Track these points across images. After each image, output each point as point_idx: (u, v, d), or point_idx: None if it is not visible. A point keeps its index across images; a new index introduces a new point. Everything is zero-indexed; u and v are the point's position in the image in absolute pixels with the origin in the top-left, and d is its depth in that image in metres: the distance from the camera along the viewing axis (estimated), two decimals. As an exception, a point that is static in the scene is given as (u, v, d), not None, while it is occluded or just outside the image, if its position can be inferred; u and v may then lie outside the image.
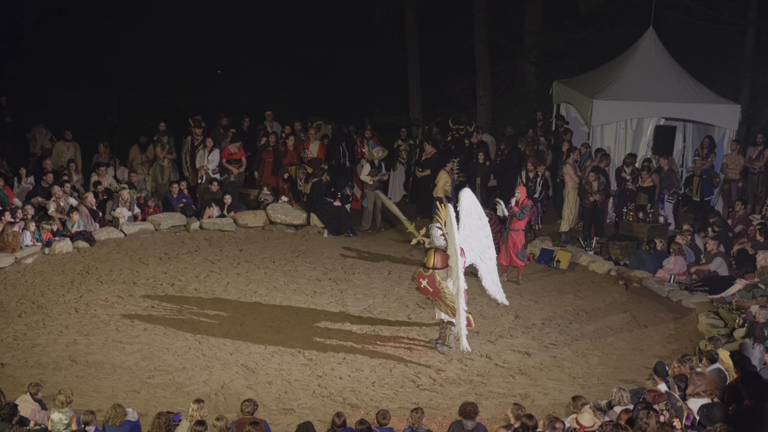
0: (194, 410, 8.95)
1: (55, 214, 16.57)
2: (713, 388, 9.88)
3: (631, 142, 19.43)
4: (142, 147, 19.78)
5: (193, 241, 17.20)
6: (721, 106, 18.61)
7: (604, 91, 18.64)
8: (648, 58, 19.03)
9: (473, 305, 14.06)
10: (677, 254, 15.42)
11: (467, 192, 12.44)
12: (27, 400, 9.47)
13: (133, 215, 17.65)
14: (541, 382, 11.56)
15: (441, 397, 11.00)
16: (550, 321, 13.73)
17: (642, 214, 17.16)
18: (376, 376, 11.54)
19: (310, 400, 10.81)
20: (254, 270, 15.71)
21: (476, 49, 24.25)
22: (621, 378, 11.56)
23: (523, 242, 15.35)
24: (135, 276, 15.09)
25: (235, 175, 19.30)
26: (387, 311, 13.87)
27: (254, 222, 18.25)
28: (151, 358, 11.82)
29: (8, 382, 10.72)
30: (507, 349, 12.54)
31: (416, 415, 9.17)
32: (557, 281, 15.69)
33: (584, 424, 9.06)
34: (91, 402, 10.26)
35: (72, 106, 24.13)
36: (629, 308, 14.38)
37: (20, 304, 13.57)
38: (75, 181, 18.12)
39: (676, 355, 11.41)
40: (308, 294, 14.62)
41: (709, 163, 18.62)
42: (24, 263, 15.29)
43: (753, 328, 11.20)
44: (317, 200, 18.14)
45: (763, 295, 13.13)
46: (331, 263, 16.26)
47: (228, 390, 10.99)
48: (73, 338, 12.35)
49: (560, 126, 20.07)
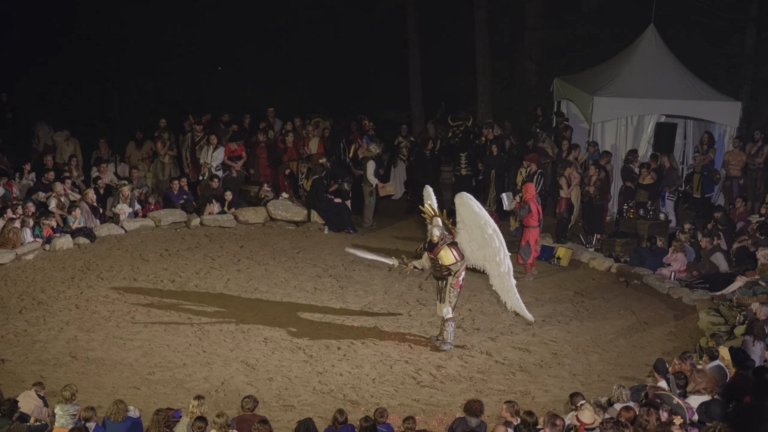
0: (194, 407, 8.97)
1: (56, 210, 16.57)
2: (713, 386, 9.90)
3: (632, 139, 19.40)
4: (138, 143, 19.79)
5: (194, 238, 17.20)
6: (722, 103, 18.59)
7: (604, 88, 18.61)
8: (649, 56, 19.01)
9: (474, 302, 14.10)
10: (678, 251, 15.43)
11: (461, 198, 12.17)
12: (31, 396, 9.49)
13: (133, 212, 17.65)
14: (542, 379, 11.57)
15: (441, 394, 11.01)
16: (550, 318, 13.74)
17: (643, 211, 17.16)
18: (377, 372, 11.55)
19: (310, 397, 10.82)
20: (255, 266, 15.71)
21: (477, 46, 24.21)
22: (621, 375, 11.57)
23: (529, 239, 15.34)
24: (135, 272, 15.09)
25: (236, 171, 19.28)
26: (387, 308, 13.88)
27: (255, 218, 18.25)
28: (151, 355, 11.83)
29: (9, 378, 10.74)
30: (507, 346, 12.55)
31: (407, 424, 9.01)
32: (558, 278, 15.68)
33: (584, 421, 9.06)
34: (92, 398, 10.26)
35: (73, 103, 24.12)
36: (630, 305, 14.38)
37: (21, 301, 13.58)
38: (75, 177, 18.13)
39: (677, 353, 11.42)
40: (309, 290, 14.63)
41: (708, 158, 18.61)
42: (25, 259, 15.28)
43: (753, 326, 11.20)
44: (317, 197, 18.14)
45: (764, 293, 13.12)
46: (331, 260, 16.26)
47: (228, 386, 11.00)
48: (73, 334, 12.37)
49: (560, 123, 20.06)
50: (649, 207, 17.21)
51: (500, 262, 12.10)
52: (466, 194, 12.26)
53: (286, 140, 19.59)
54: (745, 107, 19.97)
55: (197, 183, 19.17)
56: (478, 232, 12.02)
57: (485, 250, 12.10)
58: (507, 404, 9.31)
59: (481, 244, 12.06)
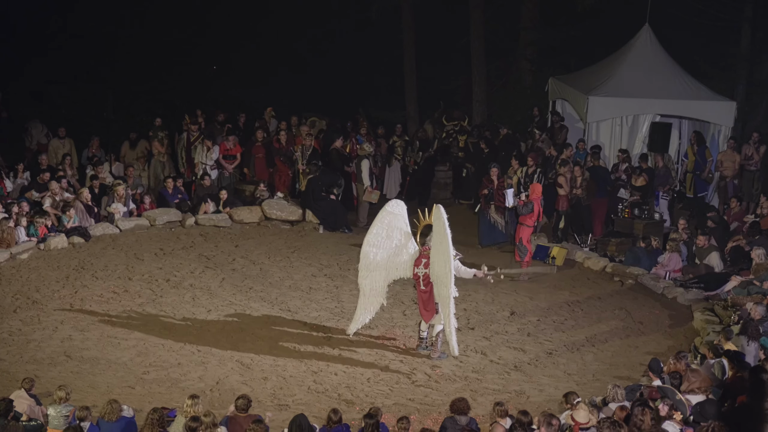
0: (189, 406, 8.94)
1: (50, 210, 16.53)
2: (707, 385, 9.90)
3: (627, 138, 19.44)
4: (132, 143, 19.78)
5: (189, 237, 17.18)
6: (717, 103, 18.63)
7: (599, 87, 18.65)
8: (644, 55, 19.05)
9: (469, 301, 14.09)
10: (673, 251, 15.44)
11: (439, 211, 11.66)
12: (22, 396, 9.46)
13: (128, 211, 17.62)
14: (536, 378, 11.57)
15: (436, 393, 11.01)
16: (545, 317, 13.74)
17: (637, 211, 17.17)
18: (371, 372, 11.55)
19: (305, 396, 10.82)
20: (249, 266, 15.70)
21: (472, 46, 24.23)
22: (616, 374, 11.58)
23: (522, 237, 15.39)
24: (130, 272, 15.07)
25: (230, 172, 19.26)
26: (382, 307, 13.84)
27: (250, 218, 18.23)
28: (146, 354, 11.81)
29: (3, 377, 10.73)
30: (502, 346, 12.56)
31: (401, 424, 8.92)
32: (553, 278, 15.67)
33: (579, 420, 9.07)
34: (86, 398, 10.24)
35: (67, 102, 24.08)
36: (624, 305, 14.40)
37: (15, 300, 13.55)
38: (69, 176, 18.09)
39: (671, 352, 11.43)
40: (303, 290, 14.62)
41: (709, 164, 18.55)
42: (19, 259, 15.25)
43: (748, 326, 11.22)
44: (314, 196, 18.13)
45: (758, 292, 13.14)
46: (326, 259, 16.26)
47: (223, 386, 10.99)
48: (68, 334, 12.34)
49: (555, 122, 20.08)
50: (644, 207, 17.21)
51: (448, 284, 11.58)
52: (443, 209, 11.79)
53: (280, 139, 19.56)
54: (740, 107, 20.01)
55: (192, 182, 19.16)
56: (440, 250, 11.64)
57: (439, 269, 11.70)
58: (495, 405, 9.26)
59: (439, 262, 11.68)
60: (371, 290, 12.29)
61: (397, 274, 12.21)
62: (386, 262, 12.19)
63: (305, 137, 19.40)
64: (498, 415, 9.13)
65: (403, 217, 12.26)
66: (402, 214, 12.26)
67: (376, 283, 12.27)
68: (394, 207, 12.37)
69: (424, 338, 12.19)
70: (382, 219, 12.28)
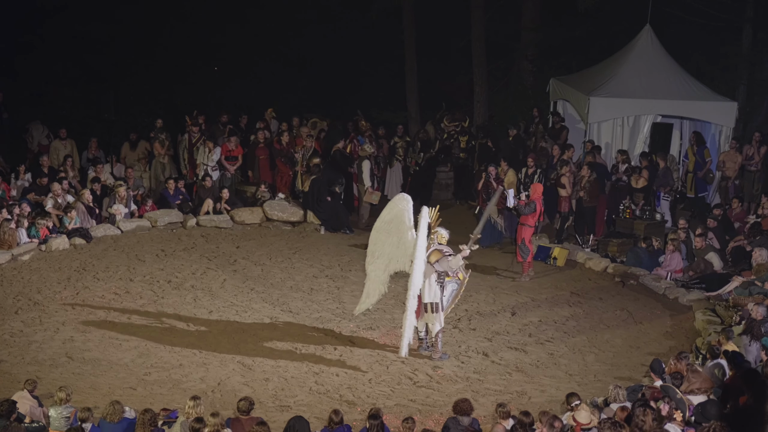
0: (191, 407, 8.95)
1: (52, 211, 16.54)
2: (708, 386, 9.90)
3: (628, 139, 19.44)
4: (132, 144, 19.79)
5: (190, 238, 17.19)
6: (718, 103, 18.62)
7: (601, 88, 18.64)
8: (645, 56, 19.04)
9: (470, 302, 14.09)
10: (674, 251, 15.44)
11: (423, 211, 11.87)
12: (25, 397, 9.47)
13: (129, 212, 17.63)
14: (538, 379, 11.57)
15: (438, 394, 11.00)
16: (546, 318, 13.74)
17: (639, 211, 17.17)
18: (373, 373, 11.54)
19: (306, 397, 10.81)
20: (251, 267, 15.70)
21: (473, 46, 24.23)
22: (617, 375, 11.58)
23: (524, 237, 15.38)
24: (132, 273, 15.07)
25: (232, 173, 19.27)
26: (384, 308, 13.83)
27: (251, 219, 18.24)
28: (147, 355, 11.81)
29: (5, 379, 10.72)
30: (504, 346, 12.55)
31: (407, 425, 8.96)
32: (554, 278, 15.69)
33: (581, 421, 9.07)
34: (88, 399, 10.24)
35: (69, 103, 24.07)
36: (626, 305, 14.39)
37: (17, 301, 13.56)
38: (71, 177, 18.11)
39: (673, 353, 11.41)
40: (305, 291, 14.62)
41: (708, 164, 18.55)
42: (21, 260, 15.26)
43: (752, 326, 11.21)
44: (317, 198, 18.12)
45: (760, 293, 13.15)
46: (327, 260, 16.26)
47: (225, 387, 10.99)
48: (69, 335, 12.35)
49: (556, 123, 20.07)
50: (645, 207, 17.20)
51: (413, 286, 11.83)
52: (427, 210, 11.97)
53: (282, 140, 19.58)
54: (741, 107, 20.01)
55: (194, 183, 19.16)
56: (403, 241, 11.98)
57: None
58: (498, 407, 9.27)
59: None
60: (375, 277, 12.32)
61: (397, 266, 12.21)
62: (388, 252, 12.23)
63: (306, 138, 19.42)
64: (500, 416, 9.13)
65: (408, 212, 12.28)
66: (408, 209, 12.28)
67: (378, 269, 12.29)
68: (402, 201, 12.33)
69: (424, 339, 12.21)
70: (393, 207, 12.26)
